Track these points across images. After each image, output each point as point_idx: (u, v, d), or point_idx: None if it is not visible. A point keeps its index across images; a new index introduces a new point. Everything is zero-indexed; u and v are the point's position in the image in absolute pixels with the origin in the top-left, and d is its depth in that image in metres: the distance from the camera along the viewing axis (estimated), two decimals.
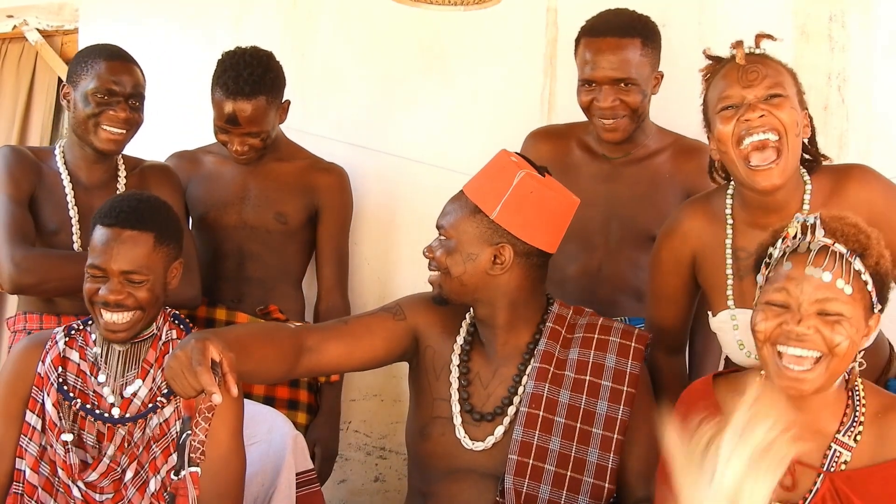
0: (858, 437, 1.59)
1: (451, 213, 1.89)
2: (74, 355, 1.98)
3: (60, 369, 1.95)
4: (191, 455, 1.63)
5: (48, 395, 1.94)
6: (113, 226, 1.90)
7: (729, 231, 1.96)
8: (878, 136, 2.57)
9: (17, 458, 1.93)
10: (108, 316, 1.90)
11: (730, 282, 1.94)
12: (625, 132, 2.32)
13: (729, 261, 1.95)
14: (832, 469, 1.58)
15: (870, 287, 1.56)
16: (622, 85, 2.26)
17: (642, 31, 2.30)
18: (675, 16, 2.72)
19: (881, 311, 1.60)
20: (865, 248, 1.56)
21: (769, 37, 1.88)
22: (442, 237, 1.90)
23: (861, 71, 2.59)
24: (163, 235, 1.94)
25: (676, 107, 2.68)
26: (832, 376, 1.56)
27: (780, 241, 1.61)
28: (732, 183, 1.97)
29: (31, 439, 1.93)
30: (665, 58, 2.42)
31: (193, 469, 1.64)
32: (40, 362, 1.96)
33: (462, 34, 2.91)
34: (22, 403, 1.95)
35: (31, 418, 1.94)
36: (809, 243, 1.55)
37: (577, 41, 2.35)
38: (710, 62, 1.94)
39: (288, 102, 2.62)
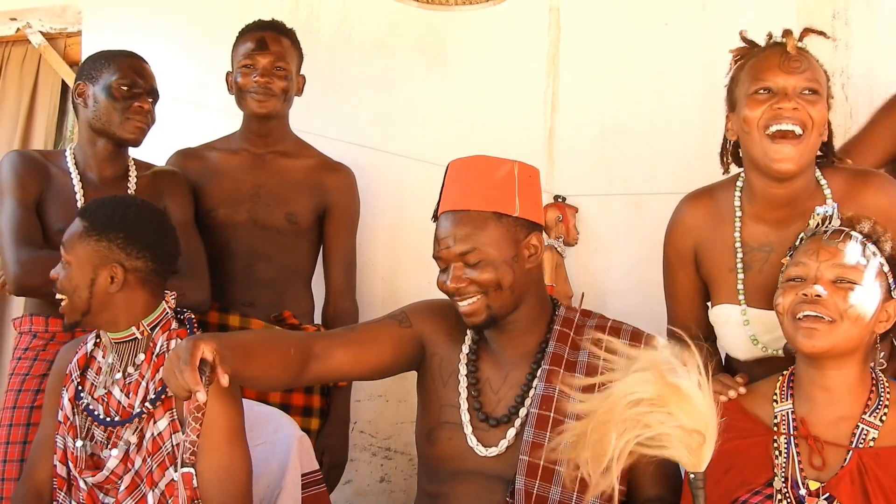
0: (884, 418, 1.64)
1: (467, 235, 1.83)
2: (99, 354, 2.03)
3: (82, 369, 2.01)
4: (183, 456, 1.64)
5: (67, 390, 1.99)
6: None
7: (738, 224, 1.96)
8: None
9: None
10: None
11: (740, 276, 1.95)
12: None
13: (739, 255, 1.95)
14: (860, 446, 1.62)
15: (886, 269, 1.66)
16: None
17: None
18: (678, 14, 2.71)
19: None
20: (880, 236, 1.68)
21: (821, 33, 1.90)
22: (468, 261, 1.83)
23: (864, 69, 2.59)
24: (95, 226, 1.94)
25: (678, 104, 2.69)
26: (847, 340, 1.63)
27: (799, 238, 1.73)
28: (741, 176, 1.97)
29: (57, 433, 1.99)
30: (667, 56, 2.42)
31: (186, 470, 1.64)
32: (70, 362, 2.03)
33: (464, 34, 2.91)
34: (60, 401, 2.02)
35: (59, 414, 2.00)
36: (826, 228, 1.67)
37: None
38: (745, 45, 1.94)
39: (303, 78, 2.66)
